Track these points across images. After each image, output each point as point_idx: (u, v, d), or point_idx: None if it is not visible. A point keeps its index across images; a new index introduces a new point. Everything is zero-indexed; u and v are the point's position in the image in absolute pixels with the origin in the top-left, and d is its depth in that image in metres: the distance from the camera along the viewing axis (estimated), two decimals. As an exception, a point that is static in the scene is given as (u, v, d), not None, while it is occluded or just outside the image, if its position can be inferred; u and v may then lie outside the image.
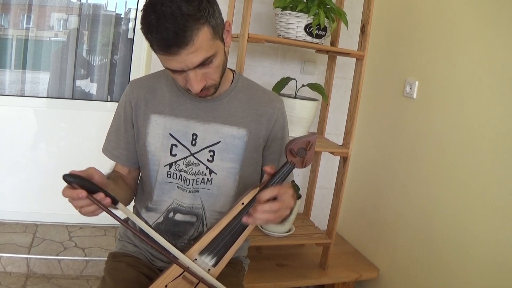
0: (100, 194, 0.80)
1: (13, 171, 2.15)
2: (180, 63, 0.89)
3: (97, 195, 0.80)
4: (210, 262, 0.95)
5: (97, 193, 0.80)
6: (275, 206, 0.86)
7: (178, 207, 1.09)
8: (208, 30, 0.88)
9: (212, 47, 0.90)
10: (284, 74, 2.01)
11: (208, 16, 0.87)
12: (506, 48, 1.40)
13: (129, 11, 2.24)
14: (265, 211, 0.85)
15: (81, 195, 0.78)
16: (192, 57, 0.88)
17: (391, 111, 1.96)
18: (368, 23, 1.69)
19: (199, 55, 0.88)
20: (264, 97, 1.13)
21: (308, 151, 0.89)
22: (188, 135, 1.07)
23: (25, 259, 1.91)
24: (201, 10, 0.85)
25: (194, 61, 0.89)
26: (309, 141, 0.89)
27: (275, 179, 0.90)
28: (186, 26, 0.84)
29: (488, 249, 1.42)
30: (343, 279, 1.90)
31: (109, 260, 1.16)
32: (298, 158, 0.90)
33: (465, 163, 1.54)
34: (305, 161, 0.90)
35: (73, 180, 0.78)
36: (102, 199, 0.80)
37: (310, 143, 0.89)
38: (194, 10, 0.84)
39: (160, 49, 0.87)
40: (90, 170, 0.84)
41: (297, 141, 0.89)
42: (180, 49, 0.85)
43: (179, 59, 0.87)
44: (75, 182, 0.78)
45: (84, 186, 0.79)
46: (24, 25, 2.11)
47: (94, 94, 2.28)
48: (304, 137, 0.90)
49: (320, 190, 2.29)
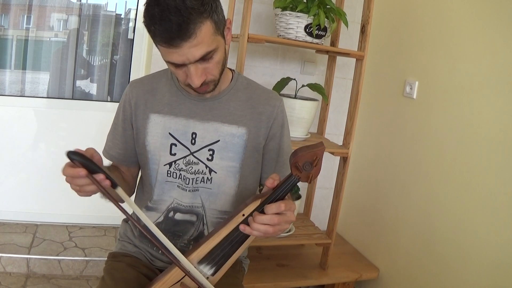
0: (100, 175, 0.80)
1: (13, 171, 2.15)
2: (182, 56, 0.89)
3: (97, 176, 0.80)
4: (208, 271, 0.94)
5: (98, 173, 0.80)
6: (275, 220, 0.84)
7: (178, 206, 1.09)
8: (211, 24, 0.89)
9: (213, 41, 0.91)
10: (284, 74, 2.01)
11: (211, 11, 0.88)
12: (506, 48, 1.40)
13: (129, 11, 2.24)
14: (264, 224, 0.84)
15: (81, 173, 0.78)
16: (193, 50, 0.88)
17: (391, 111, 1.96)
18: (368, 23, 1.69)
19: (200, 49, 0.89)
20: (264, 96, 1.13)
21: (314, 167, 0.84)
22: (188, 134, 1.07)
23: (25, 259, 1.91)
24: (205, 4, 0.87)
25: (196, 55, 0.89)
26: (316, 155, 0.83)
27: (279, 193, 0.87)
28: (190, 19, 0.85)
29: (488, 249, 1.42)
30: (343, 279, 1.89)
31: (108, 260, 1.16)
32: (304, 172, 0.84)
33: (465, 163, 1.54)
34: (311, 176, 0.84)
35: (76, 158, 0.78)
36: (102, 180, 0.80)
37: (317, 158, 0.83)
38: (198, 4, 0.85)
39: (163, 41, 0.87)
40: (91, 150, 0.85)
41: (303, 153, 0.83)
42: (182, 42, 0.86)
43: (180, 52, 0.88)
44: (78, 160, 0.78)
45: (85, 165, 0.79)
46: (24, 25, 2.11)
47: (94, 94, 2.28)
48: (311, 148, 0.83)
49: (320, 190, 2.29)
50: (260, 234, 0.86)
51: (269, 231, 0.85)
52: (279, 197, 0.87)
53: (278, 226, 0.86)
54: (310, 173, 0.84)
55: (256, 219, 0.84)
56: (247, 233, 0.87)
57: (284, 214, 0.85)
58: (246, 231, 0.86)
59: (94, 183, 0.80)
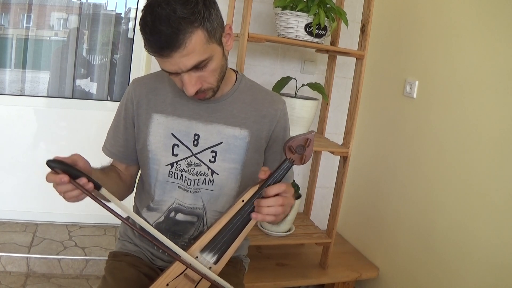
0: (82, 179, 0.81)
1: (13, 171, 2.15)
2: (174, 66, 0.89)
3: (79, 180, 0.80)
4: (211, 259, 0.95)
5: (80, 178, 0.81)
6: (280, 201, 0.87)
7: (180, 207, 1.09)
8: (202, 33, 0.88)
9: (206, 50, 0.90)
10: (284, 73, 2.01)
11: (203, 20, 0.87)
12: (506, 47, 1.40)
13: (129, 11, 2.24)
14: (271, 206, 0.86)
15: (63, 180, 0.78)
16: (184, 60, 0.88)
17: (391, 110, 1.96)
18: (368, 22, 1.69)
19: (191, 59, 0.88)
20: (267, 98, 1.13)
21: (307, 148, 0.91)
22: (190, 135, 1.07)
23: (25, 258, 1.91)
24: (195, 13, 0.85)
25: (187, 64, 0.89)
26: (307, 138, 0.91)
27: (275, 176, 0.91)
28: (179, 29, 0.84)
29: (488, 249, 1.42)
30: (343, 279, 1.90)
31: (109, 259, 1.16)
32: (296, 155, 0.91)
33: (465, 162, 1.54)
34: (304, 157, 0.91)
35: (56, 166, 0.79)
36: (85, 184, 0.81)
37: (308, 140, 0.91)
38: (188, 13, 0.85)
39: (153, 50, 0.88)
40: (74, 157, 0.85)
41: (296, 138, 0.90)
42: (172, 52, 0.86)
43: (172, 61, 0.88)
44: (58, 168, 0.79)
45: (66, 171, 0.80)
46: (24, 25, 2.11)
47: (94, 93, 2.28)
48: (302, 135, 0.91)
49: (320, 190, 2.29)
50: (271, 218, 0.88)
51: (279, 211, 0.88)
52: (275, 180, 0.91)
53: (283, 208, 0.88)
54: (304, 155, 0.91)
55: (263, 203, 0.86)
56: (259, 220, 0.90)
57: (286, 196, 0.88)
58: (258, 218, 0.88)
59: (77, 187, 0.80)
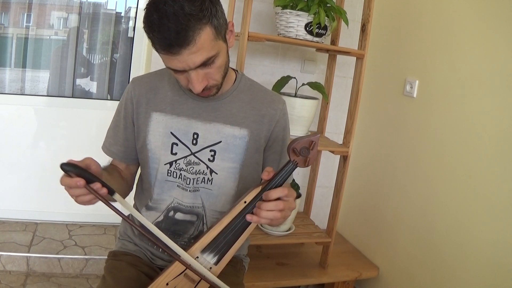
0: (97, 184, 0.80)
1: (13, 170, 2.15)
2: (182, 63, 0.88)
3: (94, 185, 0.80)
4: (212, 260, 0.95)
5: (94, 182, 0.80)
6: (281, 205, 0.86)
7: (179, 206, 1.09)
8: (210, 30, 0.88)
9: (214, 47, 0.90)
10: (284, 72, 2.00)
11: (210, 16, 0.87)
12: (506, 47, 1.40)
13: (129, 10, 2.24)
14: (270, 210, 0.86)
15: (79, 183, 0.78)
16: (193, 57, 0.87)
17: (391, 110, 1.96)
18: (369, 22, 1.69)
19: (200, 55, 0.88)
20: (267, 98, 1.13)
21: (311, 151, 0.90)
22: (189, 134, 1.07)
23: (25, 257, 1.91)
24: (204, 10, 0.85)
25: (196, 61, 0.88)
26: (312, 140, 0.90)
27: (278, 178, 0.90)
28: (188, 25, 0.84)
29: (488, 248, 1.42)
30: (343, 278, 1.90)
31: (109, 259, 1.16)
32: (300, 157, 0.90)
33: (465, 162, 1.54)
34: (308, 160, 0.90)
35: (70, 169, 0.78)
36: (99, 188, 0.80)
37: (313, 142, 0.90)
38: (197, 10, 0.84)
39: (161, 48, 0.87)
40: (87, 161, 0.84)
41: (300, 140, 0.89)
42: (181, 49, 0.85)
43: (180, 58, 0.87)
44: (72, 171, 0.79)
45: (81, 175, 0.79)
46: (24, 24, 2.11)
47: (94, 92, 2.28)
48: (307, 137, 0.90)
49: (320, 189, 2.29)
50: (267, 222, 0.88)
51: (278, 216, 0.87)
52: (278, 183, 0.90)
53: (283, 212, 0.87)
54: (308, 157, 0.90)
55: (263, 207, 0.86)
56: (254, 222, 0.89)
57: (288, 200, 0.87)
58: (253, 220, 0.88)
59: (91, 192, 0.80)
